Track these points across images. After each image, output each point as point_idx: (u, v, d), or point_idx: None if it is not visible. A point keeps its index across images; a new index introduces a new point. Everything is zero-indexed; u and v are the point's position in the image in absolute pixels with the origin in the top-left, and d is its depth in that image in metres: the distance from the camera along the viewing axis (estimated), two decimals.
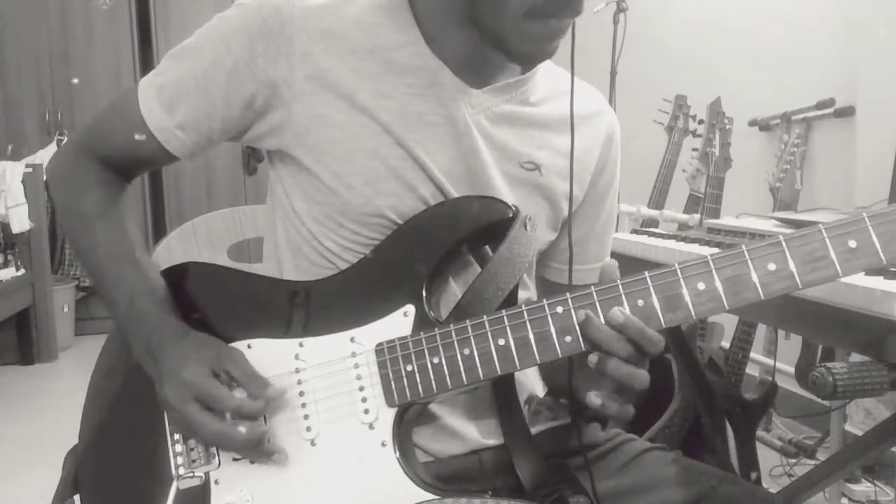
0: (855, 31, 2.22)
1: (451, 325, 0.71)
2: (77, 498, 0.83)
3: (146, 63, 4.12)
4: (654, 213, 2.17)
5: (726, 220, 1.37)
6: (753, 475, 1.74)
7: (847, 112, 2.24)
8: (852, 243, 0.61)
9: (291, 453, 0.74)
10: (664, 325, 0.66)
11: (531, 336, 0.68)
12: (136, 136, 0.80)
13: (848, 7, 2.26)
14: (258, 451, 0.73)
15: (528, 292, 0.88)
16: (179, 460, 0.76)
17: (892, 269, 0.75)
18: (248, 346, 0.77)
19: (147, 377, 0.77)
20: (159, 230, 4.24)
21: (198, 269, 0.84)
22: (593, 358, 0.66)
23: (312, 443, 0.74)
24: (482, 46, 0.76)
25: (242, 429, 0.71)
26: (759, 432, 2.08)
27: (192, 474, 0.75)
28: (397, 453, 0.72)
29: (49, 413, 2.87)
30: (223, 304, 0.81)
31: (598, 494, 0.81)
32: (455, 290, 0.79)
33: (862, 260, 0.61)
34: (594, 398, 0.67)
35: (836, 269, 0.61)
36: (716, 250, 1.04)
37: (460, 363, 0.70)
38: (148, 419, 0.78)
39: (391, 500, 0.71)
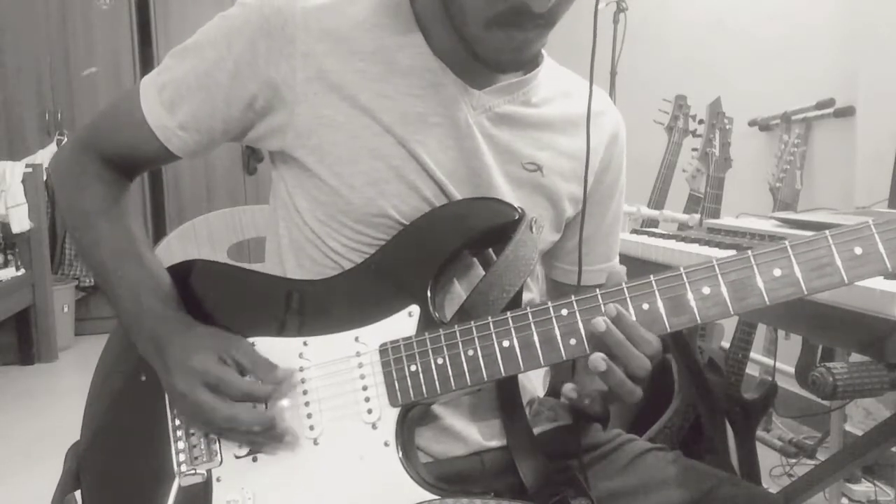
0: (855, 31, 2.22)
1: (456, 326, 0.71)
2: (78, 494, 0.83)
3: (146, 63, 4.12)
4: (654, 213, 2.18)
5: (726, 220, 1.36)
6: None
7: (847, 112, 2.24)
8: (858, 250, 0.61)
9: (294, 452, 0.74)
10: (669, 329, 0.66)
11: (536, 338, 0.68)
12: (138, 135, 0.80)
13: (848, 7, 2.27)
14: (267, 436, 0.73)
15: (530, 294, 0.88)
16: (181, 457, 0.76)
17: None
18: (252, 345, 0.77)
19: (150, 374, 0.77)
20: (159, 230, 4.23)
21: (202, 267, 0.84)
22: (600, 365, 0.66)
23: (315, 442, 0.74)
24: None
25: (253, 411, 0.72)
26: (759, 432, 2.08)
27: (194, 471, 0.75)
28: (400, 453, 0.72)
29: (49, 413, 2.87)
30: (227, 302, 0.81)
31: (598, 495, 0.81)
32: (459, 291, 0.79)
33: (867, 267, 0.61)
34: (570, 392, 0.69)
35: (842, 276, 0.61)
36: (716, 250, 1.04)
37: (464, 364, 0.70)
38: (150, 416, 0.78)
39: (393, 500, 0.71)
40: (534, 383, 0.91)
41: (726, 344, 1.91)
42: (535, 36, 0.72)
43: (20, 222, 3.51)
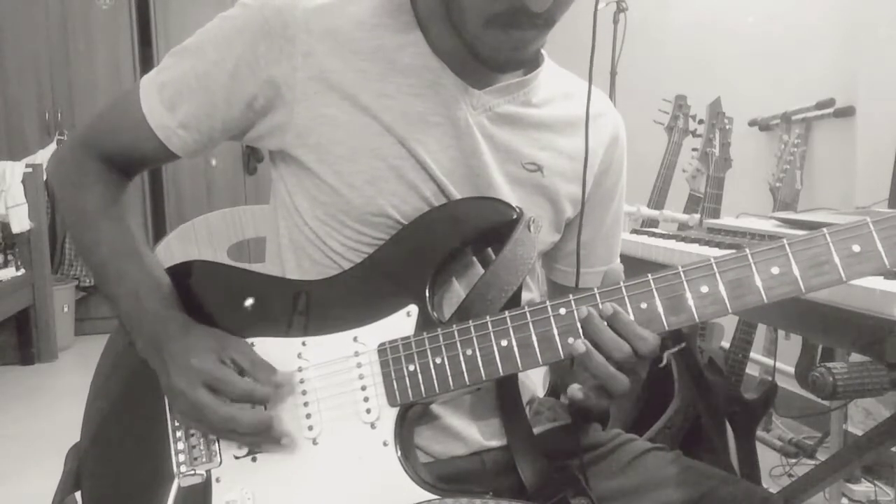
0: (855, 31, 2.22)
1: (454, 326, 0.71)
2: (78, 494, 0.83)
3: (146, 63, 4.12)
4: (654, 213, 2.18)
5: (726, 220, 1.37)
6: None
7: (847, 112, 2.24)
8: (856, 248, 0.61)
9: (293, 452, 0.74)
10: (667, 328, 0.66)
11: (534, 337, 0.68)
12: (137, 134, 0.80)
13: (848, 7, 2.27)
14: (265, 437, 0.73)
15: (531, 294, 0.88)
16: (181, 458, 0.76)
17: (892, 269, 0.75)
18: (251, 345, 0.77)
19: (150, 375, 0.77)
20: (159, 230, 4.23)
21: (201, 267, 0.84)
22: (580, 346, 0.66)
23: (314, 442, 0.74)
24: None
25: (251, 412, 0.72)
26: (759, 432, 2.07)
27: (193, 472, 0.75)
28: (399, 453, 0.72)
29: (49, 413, 2.87)
30: (226, 302, 0.81)
31: (598, 495, 0.81)
32: (458, 290, 0.79)
33: (866, 265, 0.61)
34: (577, 392, 0.68)
35: (840, 274, 0.61)
36: (716, 250, 1.04)
37: (462, 363, 0.70)
38: (150, 417, 0.78)
39: (392, 500, 0.71)
40: (533, 382, 0.91)
41: (726, 344, 1.91)
42: (533, 35, 0.72)
43: (20, 222, 3.51)
